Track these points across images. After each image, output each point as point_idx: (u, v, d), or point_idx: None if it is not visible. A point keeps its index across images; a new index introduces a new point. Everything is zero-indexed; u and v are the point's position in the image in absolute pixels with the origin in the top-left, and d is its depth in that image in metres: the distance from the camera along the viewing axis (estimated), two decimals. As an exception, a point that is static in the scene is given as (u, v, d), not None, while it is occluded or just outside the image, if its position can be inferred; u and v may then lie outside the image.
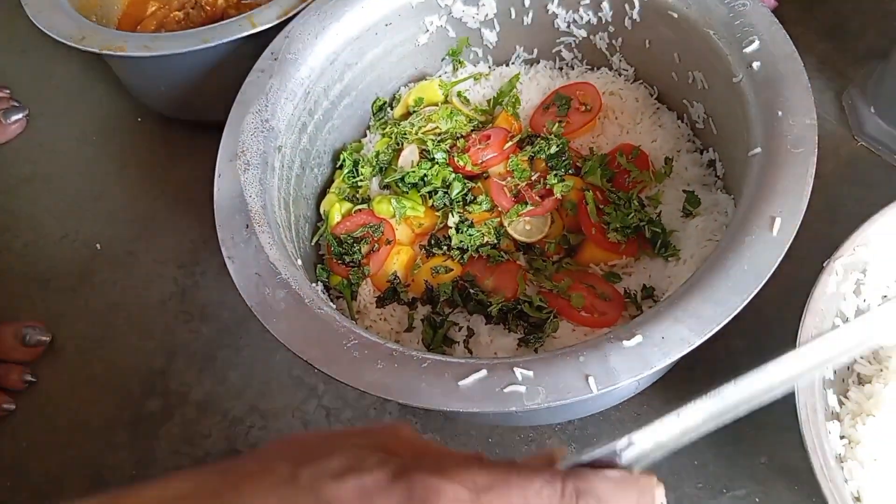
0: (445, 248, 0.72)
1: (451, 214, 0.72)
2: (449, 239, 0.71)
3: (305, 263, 0.69)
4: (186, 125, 0.97)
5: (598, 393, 0.47)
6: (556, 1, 0.79)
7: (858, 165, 0.81)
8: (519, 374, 0.49)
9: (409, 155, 0.78)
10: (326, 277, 0.73)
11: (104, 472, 0.73)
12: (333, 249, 0.72)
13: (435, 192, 0.74)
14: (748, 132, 0.60)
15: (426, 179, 0.75)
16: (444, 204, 0.73)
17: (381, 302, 0.71)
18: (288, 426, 0.73)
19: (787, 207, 0.53)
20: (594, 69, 0.84)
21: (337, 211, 0.75)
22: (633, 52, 0.79)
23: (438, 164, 0.75)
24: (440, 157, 0.76)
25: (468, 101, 0.84)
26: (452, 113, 0.79)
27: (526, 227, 0.71)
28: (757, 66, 0.62)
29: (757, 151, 0.58)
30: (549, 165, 0.74)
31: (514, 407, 0.48)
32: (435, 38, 0.84)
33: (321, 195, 0.80)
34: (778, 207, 0.53)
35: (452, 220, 0.72)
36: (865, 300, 0.60)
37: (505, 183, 0.73)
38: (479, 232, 0.71)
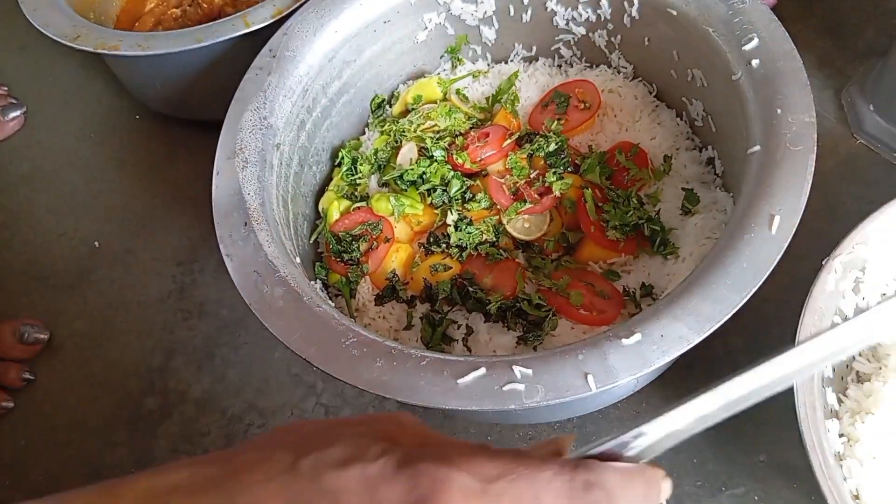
0: (444, 245, 0.71)
1: (449, 212, 0.72)
2: (448, 237, 0.71)
3: (304, 261, 0.69)
4: (185, 123, 0.97)
5: (596, 391, 0.47)
6: (555, -2, 0.79)
7: (857, 163, 0.81)
8: (518, 372, 0.49)
9: (407, 153, 0.78)
10: (325, 275, 0.73)
11: (103, 470, 0.73)
12: (332, 247, 0.72)
13: (434, 189, 0.74)
14: (747, 130, 0.60)
15: (425, 177, 0.74)
16: (442, 202, 0.73)
17: (379, 300, 0.71)
18: (286, 424, 0.73)
19: (786, 205, 0.53)
20: (593, 67, 0.84)
21: (335, 209, 0.75)
22: (632, 49, 0.79)
23: (437, 161, 0.75)
24: (439, 154, 0.75)
25: (467, 98, 0.84)
26: (451, 110, 0.79)
27: (525, 224, 0.71)
28: (756, 63, 0.62)
29: (756, 149, 0.58)
30: (547, 163, 0.74)
31: (513, 405, 0.48)
32: (434, 35, 0.83)
33: (320, 193, 0.80)
34: (777, 205, 0.53)
35: (451, 217, 0.72)
36: (864, 298, 0.60)
37: (504, 181, 0.73)
38: (477, 230, 0.71)
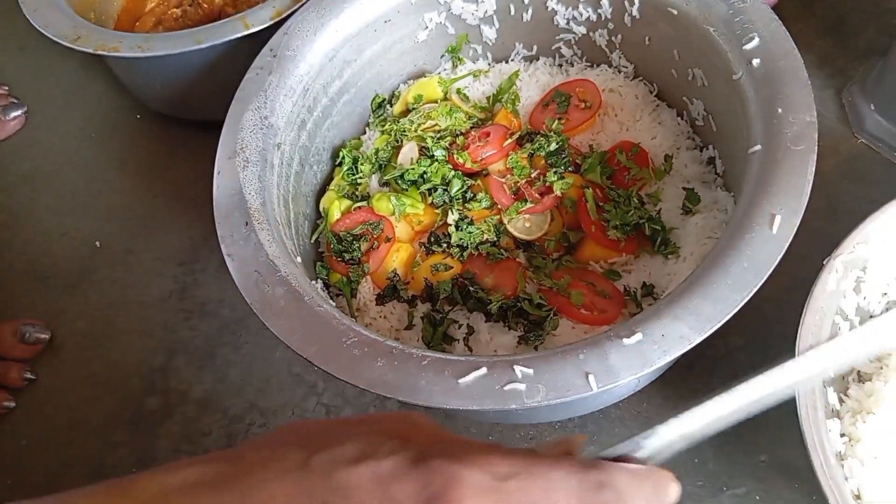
0: (445, 245, 0.71)
1: (450, 212, 0.72)
2: (448, 236, 0.71)
3: (305, 261, 0.69)
4: (185, 123, 0.97)
5: (597, 391, 0.47)
6: (555, -3, 0.79)
7: (858, 163, 0.80)
8: (519, 371, 0.49)
9: (408, 152, 0.78)
10: (326, 275, 0.73)
11: (104, 470, 0.73)
12: (333, 247, 0.72)
13: (434, 189, 0.74)
14: (748, 129, 0.60)
15: (426, 177, 0.74)
16: (443, 201, 0.73)
17: (380, 299, 0.71)
18: (288, 424, 0.73)
19: (786, 205, 0.53)
20: (594, 66, 0.84)
21: (336, 208, 0.75)
22: (632, 48, 0.79)
23: (438, 161, 0.75)
24: (440, 154, 0.75)
25: (467, 98, 0.83)
26: (452, 110, 0.79)
27: (526, 224, 0.71)
28: (757, 62, 0.62)
29: (757, 149, 0.58)
30: (548, 163, 0.74)
31: (514, 405, 0.48)
32: (434, 34, 0.83)
33: (320, 192, 0.80)
34: (778, 205, 0.53)
35: (452, 217, 0.72)
36: (866, 298, 0.60)
37: (504, 180, 0.73)
38: (478, 229, 0.71)
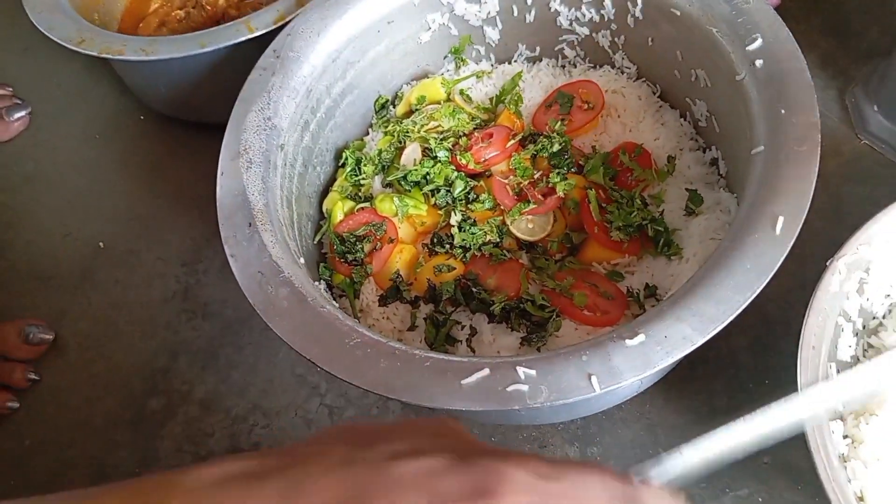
0: (448, 246, 0.71)
1: (453, 213, 0.72)
2: (451, 237, 0.71)
3: (308, 262, 0.69)
4: (188, 124, 0.97)
5: (600, 392, 0.47)
6: (558, -1, 0.79)
7: (861, 164, 0.80)
8: (521, 373, 0.49)
9: (411, 153, 0.78)
10: (329, 276, 0.73)
11: (107, 470, 0.73)
12: (336, 248, 0.72)
13: (437, 190, 0.74)
14: (751, 130, 0.60)
15: (429, 178, 0.74)
16: (446, 202, 0.73)
17: (383, 301, 0.71)
18: (290, 425, 0.73)
19: (790, 206, 0.53)
20: (597, 67, 0.84)
21: (339, 209, 0.75)
22: (635, 49, 0.79)
23: (441, 162, 0.75)
24: (443, 155, 0.75)
25: (470, 99, 0.84)
26: (455, 111, 0.79)
27: (528, 225, 0.71)
28: (760, 63, 0.61)
29: (760, 150, 0.58)
30: (551, 164, 0.74)
31: (516, 406, 0.48)
32: (437, 35, 0.83)
33: (324, 193, 0.80)
34: (781, 206, 0.53)
35: (455, 218, 0.72)
36: (869, 299, 0.60)
37: (507, 181, 0.73)
38: (481, 230, 0.71)
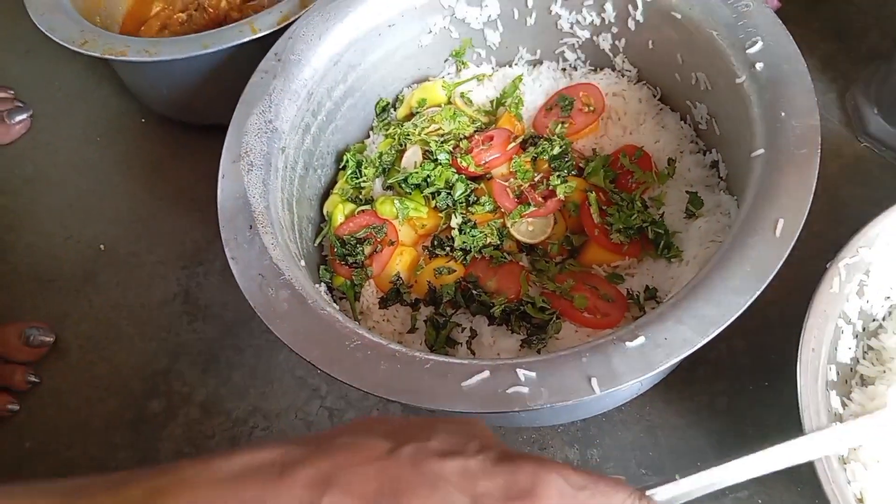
0: (448, 249, 0.72)
1: (454, 215, 0.72)
2: (452, 240, 0.71)
3: (309, 264, 0.69)
4: (190, 126, 0.97)
5: (600, 394, 0.48)
6: (559, 2, 0.79)
7: (861, 166, 0.81)
8: (522, 375, 0.49)
9: (412, 156, 0.78)
10: (329, 278, 0.73)
11: (106, 472, 0.73)
12: (336, 250, 0.72)
13: (438, 193, 0.74)
14: (751, 133, 0.60)
15: (429, 180, 0.75)
16: (447, 205, 0.73)
17: (384, 303, 0.71)
18: (291, 427, 0.73)
19: (790, 209, 0.53)
20: (597, 70, 0.84)
21: (340, 212, 0.75)
22: (636, 53, 0.79)
23: (441, 165, 0.75)
24: (443, 158, 0.76)
25: (471, 102, 0.84)
26: (455, 114, 0.79)
27: (529, 228, 0.71)
28: (760, 66, 0.62)
29: (760, 152, 0.58)
30: (551, 166, 0.74)
31: (517, 408, 0.48)
32: (438, 39, 0.84)
33: (324, 196, 0.80)
34: (781, 209, 0.53)
35: (455, 221, 0.72)
36: (869, 301, 0.60)
37: (508, 184, 0.73)
38: (481, 233, 0.71)
